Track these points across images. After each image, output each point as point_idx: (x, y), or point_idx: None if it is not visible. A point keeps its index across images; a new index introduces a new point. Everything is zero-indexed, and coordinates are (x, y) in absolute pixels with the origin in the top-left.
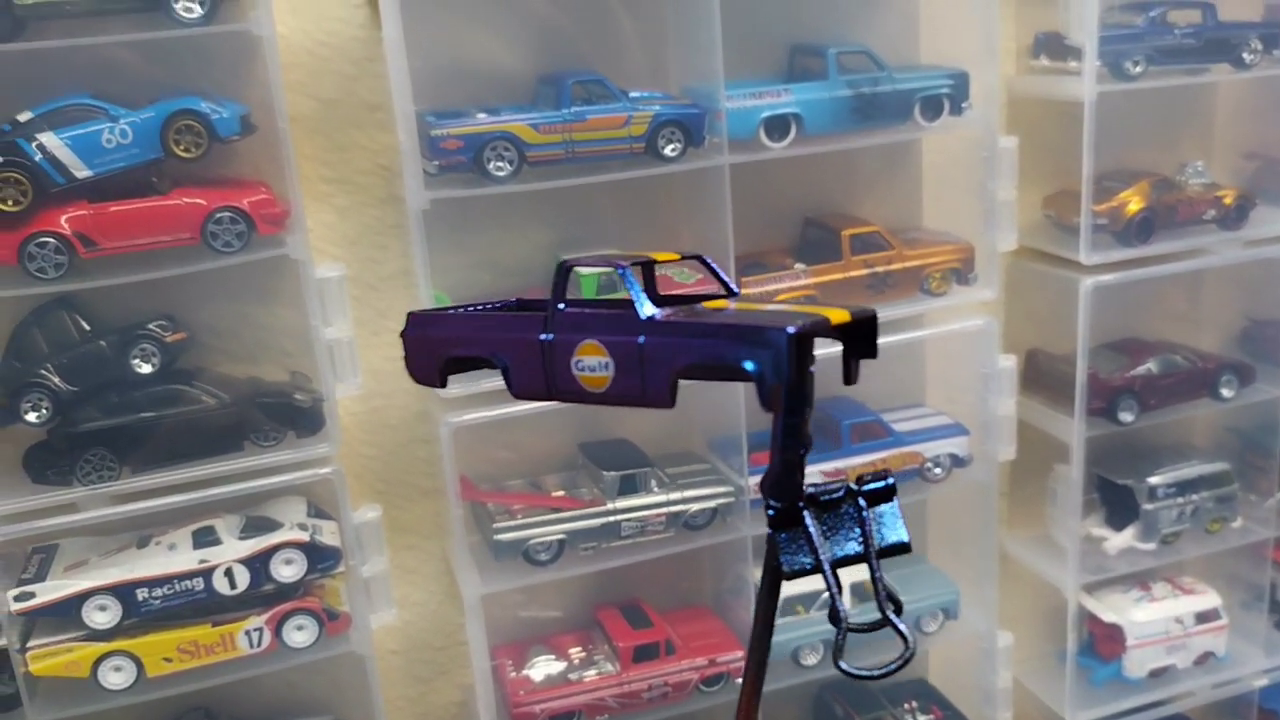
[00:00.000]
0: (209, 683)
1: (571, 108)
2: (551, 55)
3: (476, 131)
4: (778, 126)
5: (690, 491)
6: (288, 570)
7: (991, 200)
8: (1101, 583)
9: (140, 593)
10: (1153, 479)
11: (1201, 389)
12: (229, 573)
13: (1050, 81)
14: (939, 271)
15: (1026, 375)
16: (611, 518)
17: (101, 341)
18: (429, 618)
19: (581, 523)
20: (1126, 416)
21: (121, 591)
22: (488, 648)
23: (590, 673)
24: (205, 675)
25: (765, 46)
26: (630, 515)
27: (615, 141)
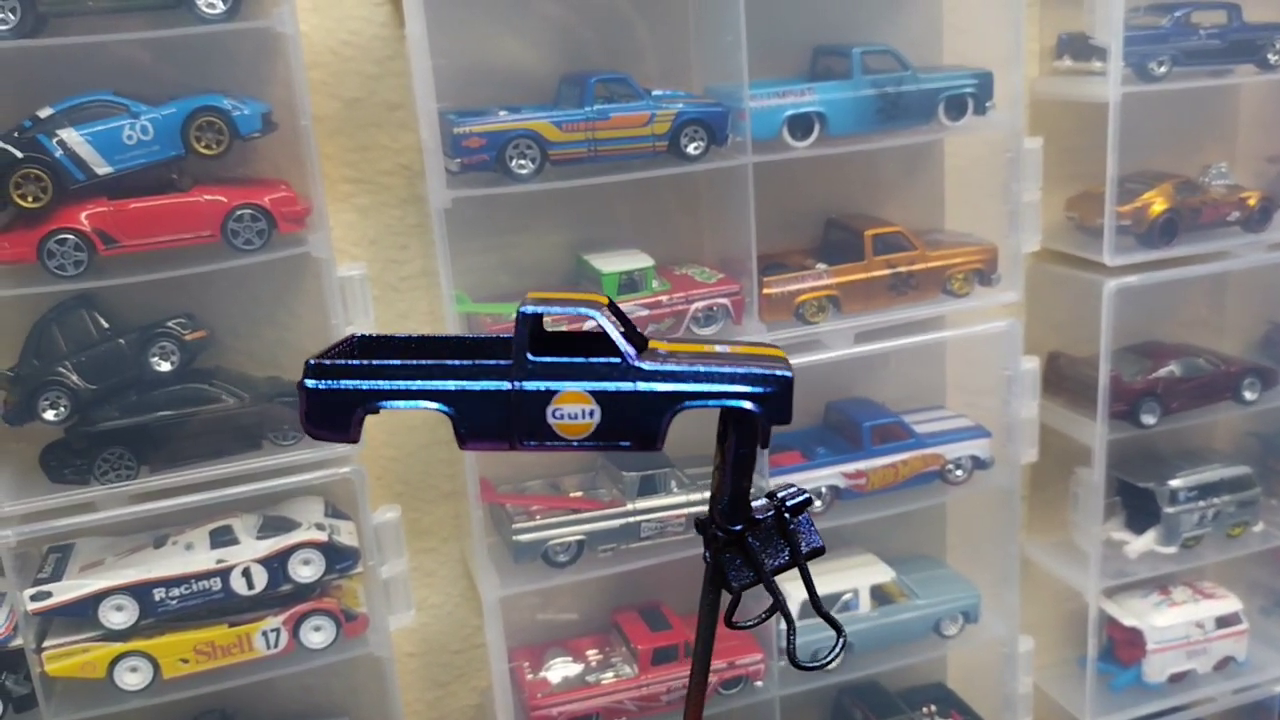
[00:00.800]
0: (226, 684)
1: (594, 106)
2: (574, 56)
3: (499, 129)
4: (801, 126)
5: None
6: (306, 570)
7: (1016, 201)
8: (1121, 587)
9: (157, 593)
10: (1174, 482)
11: (1224, 392)
12: (246, 573)
13: (1073, 83)
14: (962, 273)
15: (1047, 378)
16: (631, 519)
17: (120, 340)
18: (446, 621)
19: (601, 524)
20: (1149, 419)
21: (138, 591)
22: (505, 650)
23: (608, 675)
24: (222, 677)
25: (787, 48)
26: (650, 516)
27: (638, 140)
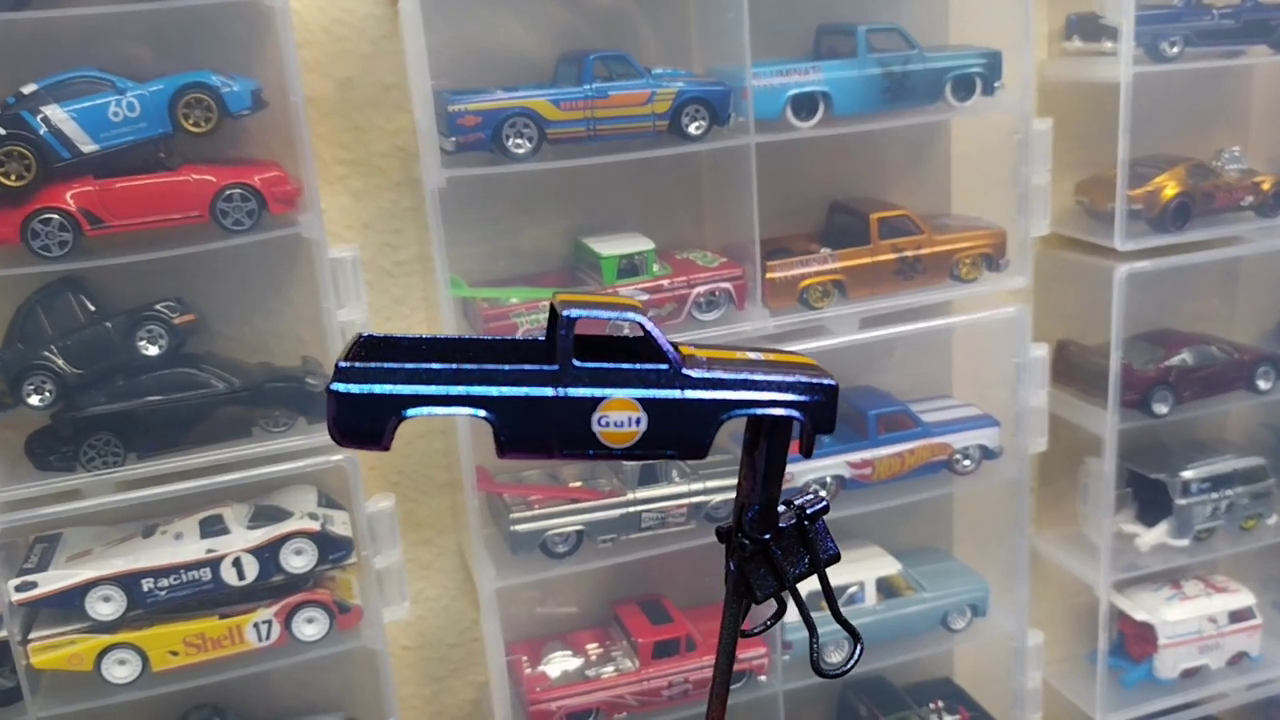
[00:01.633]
0: (217, 677)
1: (593, 84)
2: (572, 35)
3: (495, 107)
4: (805, 105)
5: (713, 482)
6: (298, 561)
7: (1025, 185)
8: (1132, 580)
9: (145, 583)
10: (1186, 474)
11: (1237, 381)
12: (237, 563)
13: (1083, 64)
14: (969, 257)
15: (1056, 366)
16: (631, 509)
17: (107, 323)
18: (443, 614)
19: (600, 514)
20: (1161, 409)
21: (126, 582)
22: (503, 644)
23: (608, 669)
24: (213, 669)
25: (790, 28)
26: (651, 506)
27: (638, 119)
